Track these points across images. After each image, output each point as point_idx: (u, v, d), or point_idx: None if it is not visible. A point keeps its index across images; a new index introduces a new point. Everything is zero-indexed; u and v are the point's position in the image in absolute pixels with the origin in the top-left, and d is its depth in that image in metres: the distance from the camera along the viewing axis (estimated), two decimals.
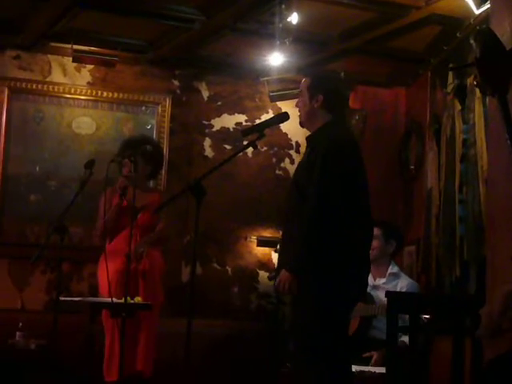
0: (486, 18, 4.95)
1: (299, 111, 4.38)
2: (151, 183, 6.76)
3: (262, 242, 7.20)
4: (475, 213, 5.42)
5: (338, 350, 4.09)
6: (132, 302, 5.26)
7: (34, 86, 6.89)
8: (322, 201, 4.01)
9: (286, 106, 6.65)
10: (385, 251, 5.83)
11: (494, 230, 4.46)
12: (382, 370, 4.77)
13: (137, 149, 5.64)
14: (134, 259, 5.61)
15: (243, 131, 4.37)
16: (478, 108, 5.41)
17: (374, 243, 5.75)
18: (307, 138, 4.40)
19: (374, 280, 5.77)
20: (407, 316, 4.60)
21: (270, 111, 7.41)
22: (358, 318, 5.52)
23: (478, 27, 5.01)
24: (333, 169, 4.06)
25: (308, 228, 4.02)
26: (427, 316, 4.93)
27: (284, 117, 4.39)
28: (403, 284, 5.73)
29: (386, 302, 5.10)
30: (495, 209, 4.45)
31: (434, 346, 5.67)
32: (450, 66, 5.85)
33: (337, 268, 4.05)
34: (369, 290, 5.62)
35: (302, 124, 4.42)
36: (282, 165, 7.49)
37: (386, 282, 5.75)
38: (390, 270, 5.80)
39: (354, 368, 4.94)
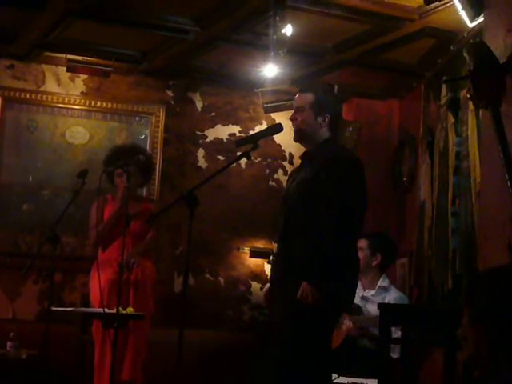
0: (479, 31, 4.95)
1: (295, 126, 4.34)
2: (144, 192, 6.77)
3: (254, 253, 7.19)
4: (468, 225, 5.43)
5: (325, 359, 4.12)
6: (124, 312, 5.25)
7: (28, 96, 6.89)
8: (351, 219, 4.07)
9: (280, 118, 6.66)
10: (369, 263, 5.79)
11: (486, 243, 4.46)
12: (374, 382, 4.76)
13: (130, 159, 5.62)
14: (126, 269, 5.60)
15: (237, 142, 4.36)
16: (471, 121, 5.42)
17: (359, 254, 5.74)
18: (306, 153, 4.37)
19: (364, 291, 5.78)
20: None
21: (264, 122, 7.42)
22: (346, 330, 5.52)
23: (471, 40, 5.03)
24: (353, 185, 4.14)
25: (338, 245, 4.03)
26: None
27: (278, 128, 4.37)
28: (391, 297, 5.72)
29: (374, 314, 5.11)
30: (488, 222, 4.45)
31: (426, 357, 5.67)
32: (444, 78, 5.86)
33: (340, 279, 4.07)
34: (358, 300, 5.63)
35: (298, 139, 4.38)
36: (276, 176, 7.50)
37: (375, 295, 5.75)
38: (380, 283, 5.81)
39: (346, 380, 4.94)
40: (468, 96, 4.01)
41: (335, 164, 4.17)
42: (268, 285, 4.51)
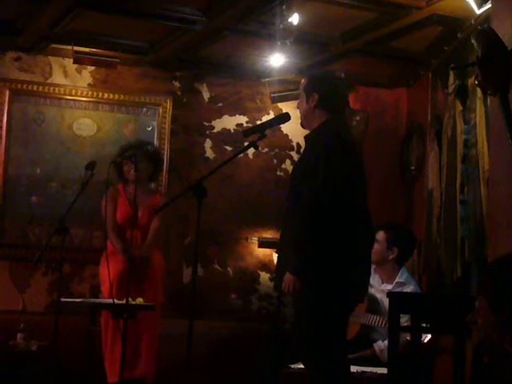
0: (487, 18, 4.94)
1: (299, 113, 4.41)
2: (152, 185, 6.77)
3: (263, 243, 7.19)
4: (476, 213, 5.42)
5: (334, 349, 4.12)
6: (133, 303, 5.25)
7: (35, 88, 6.90)
8: (315, 202, 4.03)
9: (287, 107, 6.65)
10: (385, 257, 5.63)
11: (495, 231, 4.45)
12: (384, 370, 4.77)
13: (138, 149, 5.63)
14: (138, 260, 5.63)
15: (244, 132, 4.37)
16: (480, 108, 5.41)
17: (375, 246, 5.65)
18: (305, 138, 4.41)
19: (382, 283, 5.70)
20: None
21: (271, 112, 7.41)
22: (359, 324, 5.50)
23: (479, 27, 5.01)
24: (325, 169, 4.05)
25: (303, 230, 4.04)
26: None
27: (285, 117, 4.39)
28: None
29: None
30: (496, 209, 4.44)
31: (437, 347, 5.66)
32: (451, 66, 5.84)
33: (332, 268, 4.06)
34: (374, 291, 5.59)
35: (302, 125, 4.45)
36: (283, 166, 7.49)
37: (392, 290, 5.66)
38: (397, 279, 5.65)
39: (355, 368, 4.94)
40: (476, 83, 3.99)
41: (313, 148, 4.17)
42: None
